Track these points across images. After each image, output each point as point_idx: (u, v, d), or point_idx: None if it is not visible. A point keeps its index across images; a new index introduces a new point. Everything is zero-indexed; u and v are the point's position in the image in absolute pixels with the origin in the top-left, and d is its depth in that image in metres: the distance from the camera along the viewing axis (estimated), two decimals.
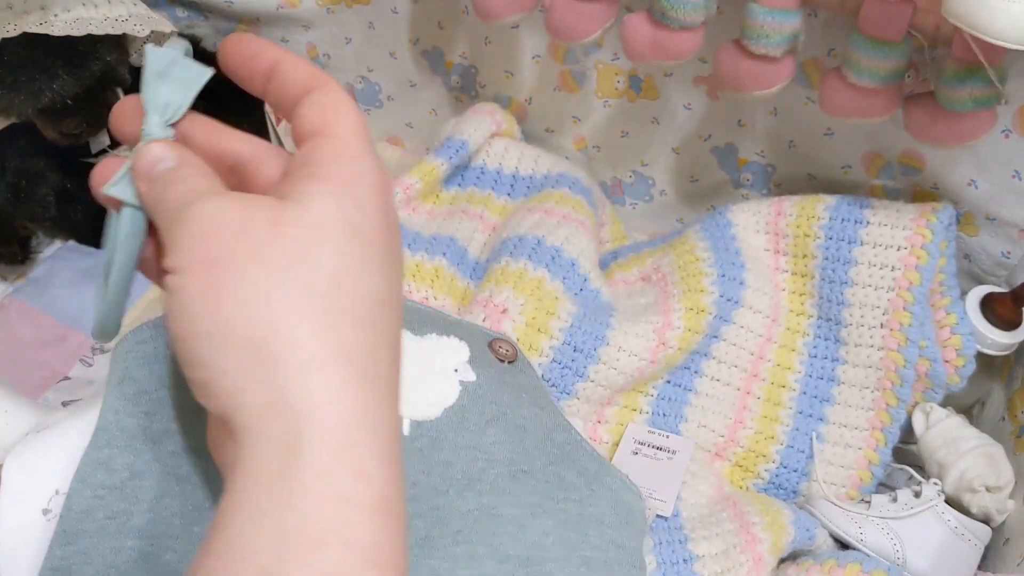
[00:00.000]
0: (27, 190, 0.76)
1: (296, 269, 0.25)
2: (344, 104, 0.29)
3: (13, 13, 0.61)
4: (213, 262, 0.25)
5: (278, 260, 0.25)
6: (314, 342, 0.24)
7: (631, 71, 0.74)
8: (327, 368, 0.24)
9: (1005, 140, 0.59)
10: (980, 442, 0.61)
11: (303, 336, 0.24)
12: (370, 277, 0.26)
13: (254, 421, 0.24)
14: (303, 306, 0.24)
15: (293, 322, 0.24)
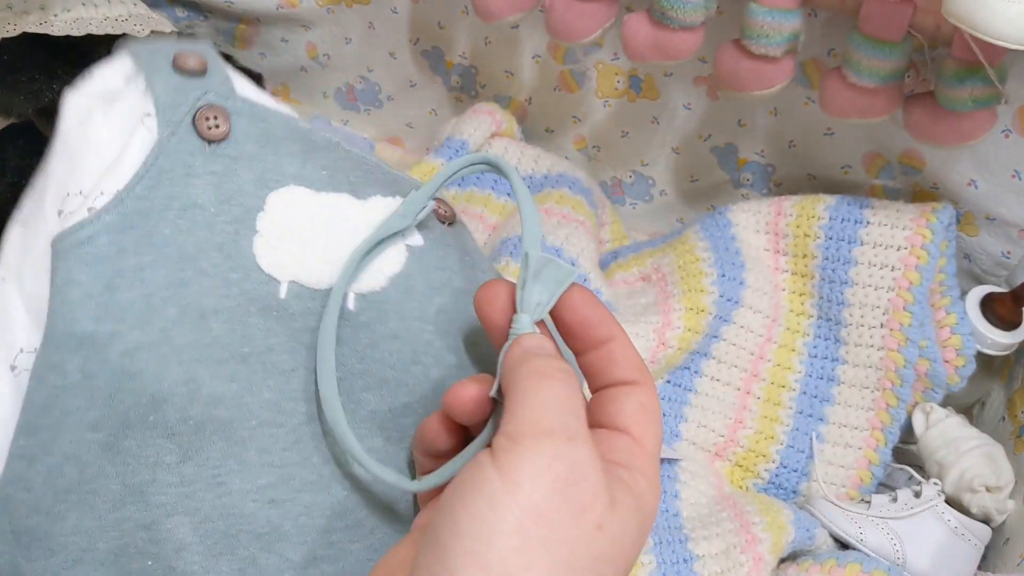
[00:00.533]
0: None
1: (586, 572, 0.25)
2: (658, 413, 0.29)
3: (13, 13, 0.61)
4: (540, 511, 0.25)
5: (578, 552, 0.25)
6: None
7: (631, 71, 0.74)
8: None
9: (1005, 140, 0.59)
10: (980, 442, 0.61)
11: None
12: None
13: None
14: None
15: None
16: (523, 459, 0.25)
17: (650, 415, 0.29)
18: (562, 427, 0.26)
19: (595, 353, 0.30)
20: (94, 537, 0.33)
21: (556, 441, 0.25)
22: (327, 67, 0.86)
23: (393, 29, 0.81)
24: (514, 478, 0.24)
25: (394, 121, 0.88)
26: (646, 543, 0.54)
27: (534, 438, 0.25)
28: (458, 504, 0.25)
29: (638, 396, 0.29)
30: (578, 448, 0.26)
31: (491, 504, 0.24)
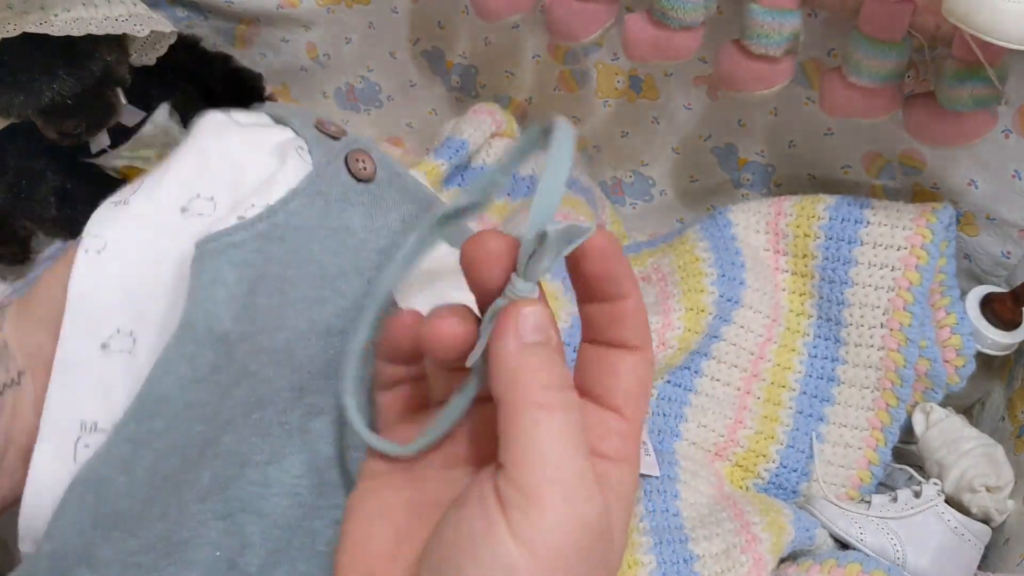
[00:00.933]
0: (27, 190, 0.76)
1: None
2: (650, 385, 0.28)
3: (13, 13, 0.61)
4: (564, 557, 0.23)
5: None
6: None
7: (631, 71, 0.74)
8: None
9: (1005, 140, 0.59)
10: (980, 442, 0.61)
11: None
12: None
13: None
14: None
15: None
16: (544, 530, 0.23)
17: (645, 392, 0.27)
18: (579, 486, 0.24)
19: (604, 306, 0.27)
20: (175, 525, 0.34)
21: (576, 506, 0.24)
22: (327, 67, 0.86)
23: (393, 29, 0.81)
24: (537, 553, 0.23)
25: (394, 121, 0.88)
26: (647, 543, 0.54)
27: (552, 504, 0.23)
28: (473, 571, 0.23)
29: (638, 368, 0.27)
30: (595, 506, 0.24)
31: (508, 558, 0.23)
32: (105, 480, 0.33)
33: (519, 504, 0.23)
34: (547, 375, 0.25)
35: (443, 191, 0.74)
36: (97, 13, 0.65)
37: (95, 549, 0.33)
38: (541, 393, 0.25)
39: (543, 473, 0.24)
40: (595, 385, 0.27)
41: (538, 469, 0.24)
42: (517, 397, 0.25)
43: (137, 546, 0.33)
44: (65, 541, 0.32)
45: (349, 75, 0.86)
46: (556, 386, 0.25)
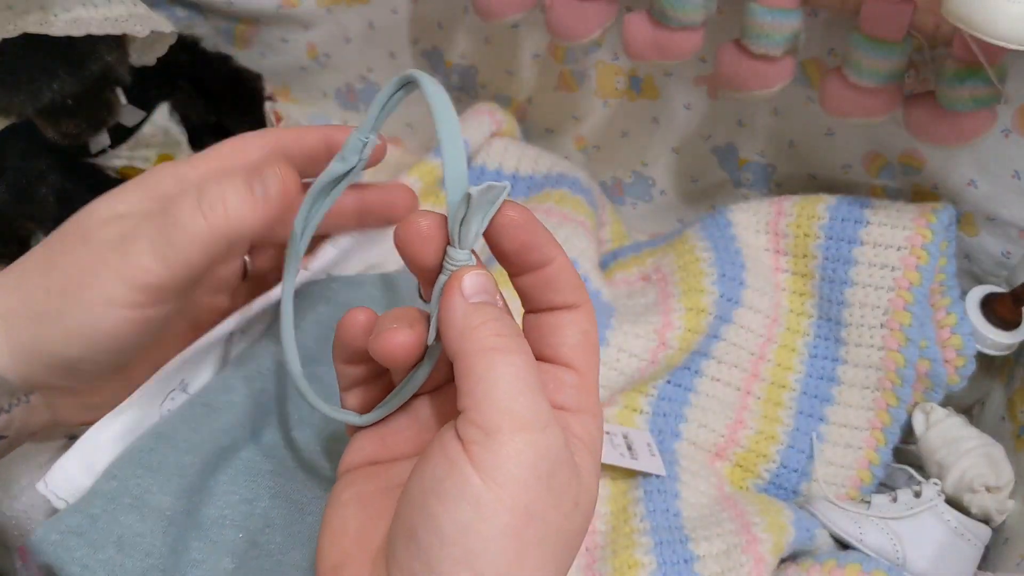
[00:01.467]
0: (27, 190, 0.76)
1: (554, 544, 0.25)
2: (596, 338, 0.29)
3: (13, 13, 0.61)
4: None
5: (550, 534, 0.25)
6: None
7: (631, 71, 0.74)
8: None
9: (1005, 140, 0.59)
10: (980, 442, 0.61)
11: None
12: None
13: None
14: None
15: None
16: (504, 458, 0.24)
17: (591, 343, 0.28)
18: (535, 415, 0.25)
19: (533, 276, 0.28)
20: (204, 501, 0.35)
21: (534, 433, 0.24)
22: (327, 67, 0.86)
23: (393, 29, 0.81)
24: (499, 480, 0.24)
25: (394, 121, 0.88)
26: (647, 543, 0.54)
27: (511, 433, 0.24)
28: (439, 509, 0.24)
29: (579, 323, 0.28)
30: (552, 434, 0.25)
31: (478, 511, 0.23)
32: (173, 432, 0.36)
33: (478, 439, 0.24)
34: (496, 324, 0.26)
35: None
36: (97, 13, 0.65)
37: (148, 498, 0.34)
38: (493, 339, 0.25)
39: (499, 406, 0.24)
40: (543, 347, 0.28)
41: (494, 403, 0.24)
42: (469, 347, 0.25)
43: (184, 506, 0.35)
44: (124, 480, 0.34)
45: (349, 75, 0.86)
46: (507, 333, 0.26)
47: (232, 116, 0.84)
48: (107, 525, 0.33)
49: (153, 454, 0.35)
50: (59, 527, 0.33)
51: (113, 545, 0.33)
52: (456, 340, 0.26)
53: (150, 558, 0.33)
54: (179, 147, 0.88)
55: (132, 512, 0.34)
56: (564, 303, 0.28)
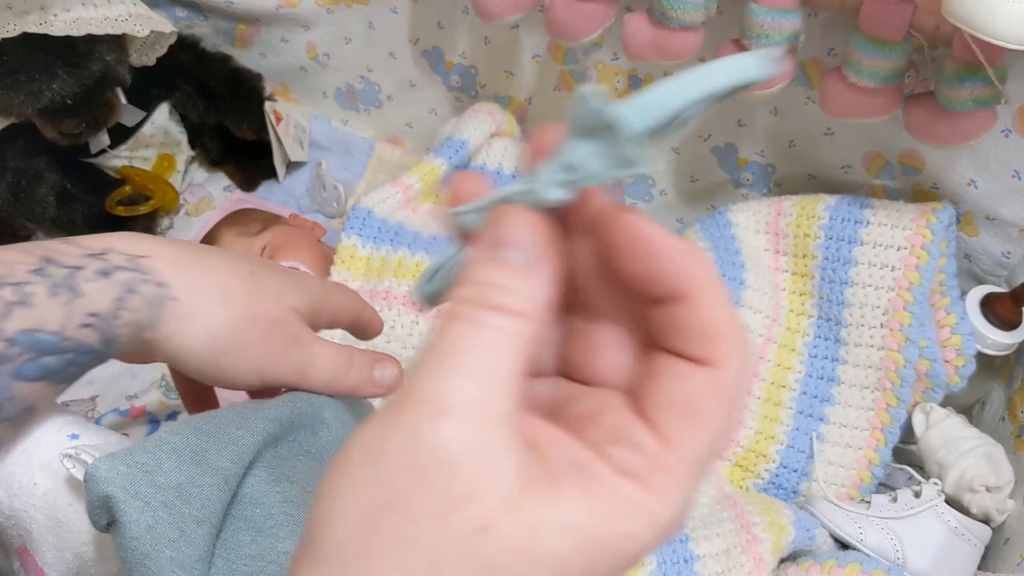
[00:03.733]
0: (27, 190, 0.76)
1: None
2: (717, 411, 0.20)
3: (13, 13, 0.61)
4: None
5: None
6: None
7: (631, 71, 0.74)
8: None
9: (1005, 140, 0.59)
10: (980, 442, 0.61)
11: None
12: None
13: None
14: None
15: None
16: (383, 433, 0.20)
17: (702, 410, 0.20)
18: (434, 397, 0.19)
19: (659, 310, 0.21)
20: (267, 469, 0.37)
21: (420, 415, 0.19)
22: (327, 67, 0.86)
23: (393, 29, 0.81)
24: (369, 453, 0.20)
25: (394, 121, 0.88)
26: None
27: (401, 410, 0.20)
28: (325, 475, 0.21)
29: (698, 381, 0.20)
30: (446, 426, 0.19)
31: (345, 478, 0.20)
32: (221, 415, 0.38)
33: (378, 413, 0.21)
34: (473, 290, 0.21)
35: (443, 190, 0.74)
36: (97, 13, 0.65)
37: (207, 456, 0.36)
38: (456, 304, 0.21)
39: (411, 384, 0.20)
40: (635, 386, 0.22)
41: (410, 384, 0.20)
42: (452, 305, 0.21)
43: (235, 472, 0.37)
44: (186, 437, 0.36)
45: (349, 75, 0.86)
46: (475, 300, 0.21)
47: (232, 116, 0.84)
48: (171, 471, 0.35)
49: (208, 423, 0.37)
50: (128, 460, 0.34)
51: (174, 490, 0.35)
52: (455, 289, 0.21)
53: (204, 510, 0.35)
54: (179, 147, 0.88)
55: (195, 465, 0.35)
56: (690, 354, 0.21)
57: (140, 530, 0.34)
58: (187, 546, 0.34)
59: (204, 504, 0.35)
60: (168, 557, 0.33)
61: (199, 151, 0.89)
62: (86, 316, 0.35)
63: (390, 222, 0.70)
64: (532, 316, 0.21)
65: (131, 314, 0.36)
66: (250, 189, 0.90)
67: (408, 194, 0.71)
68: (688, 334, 0.21)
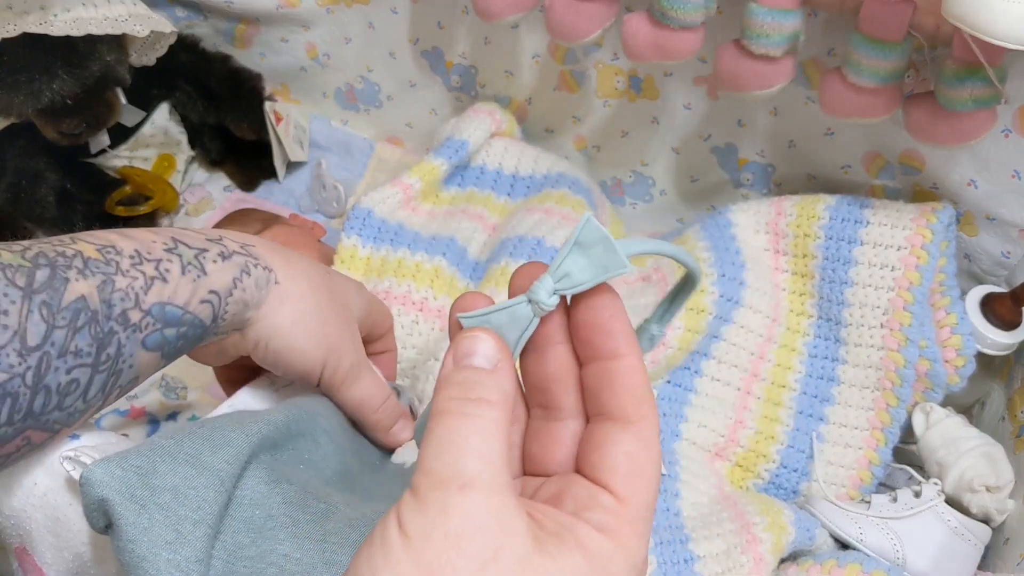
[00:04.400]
0: (27, 190, 0.76)
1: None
2: (651, 463, 0.26)
3: (13, 13, 0.61)
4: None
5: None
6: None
7: (631, 71, 0.74)
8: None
9: (1005, 140, 0.59)
10: (980, 442, 0.61)
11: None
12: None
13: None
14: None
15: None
16: (417, 513, 0.23)
17: (639, 468, 0.25)
18: (454, 475, 0.24)
19: (596, 367, 0.27)
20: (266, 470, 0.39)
21: (447, 491, 0.23)
22: (327, 67, 0.86)
23: (393, 29, 0.81)
24: (408, 532, 0.23)
25: (394, 121, 0.88)
26: None
27: (428, 491, 0.24)
28: (363, 554, 0.24)
29: (628, 442, 0.26)
30: (471, 496, 0.23)
31: (387, 557, 0.23)
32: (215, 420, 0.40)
33: (407, 500, 0.24)
34: (458, 388, 0.25)
35: (442, 190, 0.74)
36: (97, 13, 0.65)
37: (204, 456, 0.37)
38: (445, 402, 0.25)
39: (428, 471, 0.24)
40: (584, 462, 0.27)
41: (426, 471, 0.24)
42: (433, 409, 0.25)
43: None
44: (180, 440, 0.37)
45: (349, 75, 0.86)
46: (463, 396, 0.25)
47: (232, 116, 0.84)
48: (166, 474, 0.35)
49: (203, 427, 0.38)
50: (123, 464, 0.35)
51: (169, 492, 0.35)
52: (438, 388, 0.26)
53: (200, 511, 0.35)
54: (179, 147, 0.88)
55: (189, 467, 0.36)
56: (618, 413, 0.26)
57: (136, 533, 0.34)
58: (184, 547, 0.34)
59: (200, 505, 0.35)
60: (165, 559, 0.34)
61: (199, 151, 0.89)
62: (208, 293, 0.39)
63: (390, 222, 0.70)
64: (504, 405, 0.25)
65: (242, 294, 0.40)
66: (250, 189, 0.90)
67: (408, 194, 0.71)
68: (619, 392, 0.26)
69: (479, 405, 0.25)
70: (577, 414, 0.28)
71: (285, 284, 0.42)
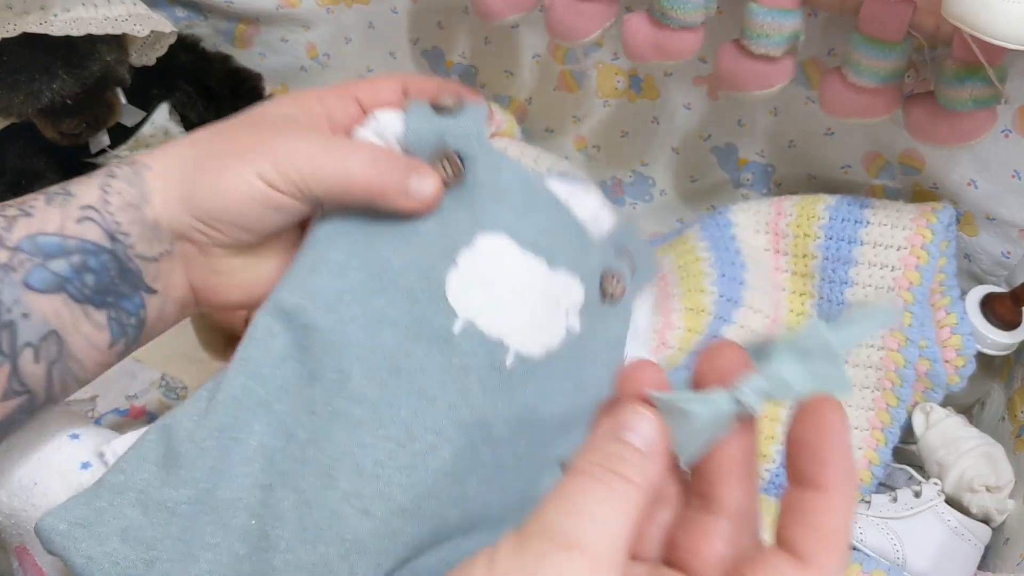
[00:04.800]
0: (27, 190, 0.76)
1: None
2: (844, 540, 0.23)
3: (13, 13, 0.61)
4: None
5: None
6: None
7: (631, 71, 0.74)
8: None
9: (1005, 140, 0.59)
10: (980, 442, 0.61)
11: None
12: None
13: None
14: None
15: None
16: (514, 556, 0.22)
17: (833, 536, 0.23)
18: (565, 533, 0.22)
19: (794, 492, 0.24)
20: (218, 483, 0.35)
21: (553, 545, 0.22)
22: (327, 67, 0.86)
23: (393, 29, 0.81)
24: (495, 568, 0.22)
25: None
26: None
27: (534, 539, 0.22)
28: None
29: (824, 512, 0.23)
30: (575, 559, 0.22)
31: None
32: (176, 424, 0.36)
33: (505, 543, 0.23)
34: (607, 456, 0.24)
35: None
36: (97, 13, 0.65)
37: (151, 492, 0.35)
38: (589, 465, 0.24)
39: (540, 521, 0.23)
40: (742, 567, 0.24)
41: (538, 521, 0.23)
42: (583, 460, 0.24)
43: (187, 495, 0.35)
44: (128, 485, 0.35)
45: (349, 75, 0.86)
46: (609, 466, 0.24)
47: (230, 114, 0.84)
48: (112, 518, 0.34)
49: (157, 446, 0.36)
50: (67, 517, 0.34)
51: (117, 537, 0.34)
52: (588, 444, 0.25)
53: (153, 550, 0.34)
54: None
55: (136, 506, 0.35)
56: (799, 550, 0.23)
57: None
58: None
59: (151, 545, 0.34)
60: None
61: None
62: (80, 209, 0.36)
63: None
64: (646, 490, 0.23)
65: (118, 197, 0.36)
66: None
67: None
68: (807, 526, 0.23)
69: (620, 480, 0.23)
70: (735, 515, 0.25)
71: (160, 161, 0.37)
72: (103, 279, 0.35)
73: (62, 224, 0.35)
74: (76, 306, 0.34)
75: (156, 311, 0.38)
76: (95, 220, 0.35)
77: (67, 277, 0.34)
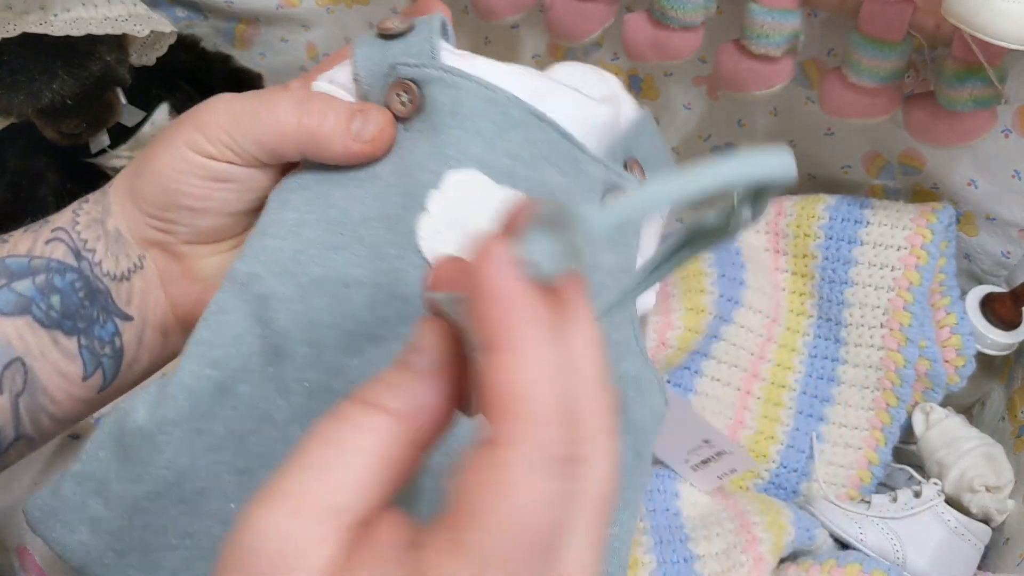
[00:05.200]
0: (27, 190, 0.76)
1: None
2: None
3: (13, 13, 0.61)
4: None
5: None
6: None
7: (631, 71, 0.74)
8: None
9: (1005, 140, 0.59)
10: (980, 442, 0.61)
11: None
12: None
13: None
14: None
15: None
16: (241, 519, 0.22)
17: (476, 503, 0.19)
18: (282, 489, 0.22)
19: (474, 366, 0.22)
20: (184, 476, 0.33)
21: (260, 503, 0.22)
22: None
23: None
24: (230, 540, 0.21)
25: None
26: (647, 542, 0.54)
27: (259, 503, 0.21)
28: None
29: (477, 472, 0.19)
30: (267, 515, 0.21)
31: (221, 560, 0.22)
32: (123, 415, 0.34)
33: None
34: (377, 389, 0.23)
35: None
36: (97, 13, 0.65)
37: (110, 486, 0.33)
38: (345, 404, 0.23)
39: None
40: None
41: None
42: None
43: (147, 491, 0.33)
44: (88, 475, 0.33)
45: None
46: (366, 403, 0.22)
47: None
48: (78, 508, 0.33)
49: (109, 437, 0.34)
50: (40, 505, 0.33)
51: (86, 528, 0.33)
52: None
53: (122, 542, 0.33)
54: None
55: (98, 497, 0.33)
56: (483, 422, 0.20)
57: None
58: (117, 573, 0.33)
59: (120, 536, 0.33)
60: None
61: None
62: (51, 232, 0.35)
63: None
64: (408, 417, 0.21)
65: (86, 216, 0.36)
66: None
67: None
68: (482, 398, 0.19)
69: (368, 412, 0.22)
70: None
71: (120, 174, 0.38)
72: (71, 301, 0.34)
73: (32, 247, 0.35)
74: (43, 332, 0.33)
75: (134, 340, 0.36)
76: (62, 239, 0.35)
77: (31, 298, 0.33)
